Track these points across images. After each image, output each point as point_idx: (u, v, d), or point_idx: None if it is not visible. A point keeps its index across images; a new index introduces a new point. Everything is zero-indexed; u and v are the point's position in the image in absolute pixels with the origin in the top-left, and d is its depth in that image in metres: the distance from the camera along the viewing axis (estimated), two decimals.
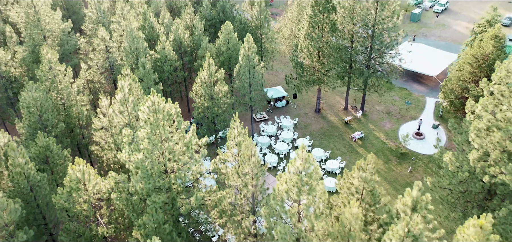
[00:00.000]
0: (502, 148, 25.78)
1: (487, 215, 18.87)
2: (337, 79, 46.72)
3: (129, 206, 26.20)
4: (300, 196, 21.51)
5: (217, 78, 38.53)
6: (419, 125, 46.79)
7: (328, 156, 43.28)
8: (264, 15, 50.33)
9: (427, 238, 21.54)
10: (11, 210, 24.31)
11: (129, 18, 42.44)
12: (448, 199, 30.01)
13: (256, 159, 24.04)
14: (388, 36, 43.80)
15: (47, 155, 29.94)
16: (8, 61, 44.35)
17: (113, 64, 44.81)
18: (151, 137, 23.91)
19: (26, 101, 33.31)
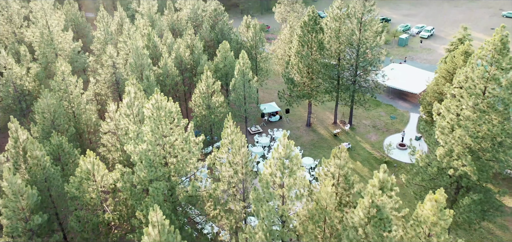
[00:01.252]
0: (463, 143, 29.21)
1: (440, 189, 22.15)
2: (325, 93, 50.53)
3: (132, 195, 29.38)
4: (283, 179, 24.80)
5: (214, 89, 42.34)
6: (402, 137, 50.22)
7: (317, 164, 46.50)
8: (259, 37, 54.71)
9: (393, 216, 24.76)
10: (29, 195, 27.55)
11: (135, 37, 46.71)
12: (421, 195, 33.09)
13: (246, 150, 27.44)
14: (371, 54, 47.92)
15: (59, 153, 33.31)
16: (23, 76, 48.35)
17: (119, 79, 48.73)
18: (154, 130, 27.40)
19: (41, 107, 36.98)
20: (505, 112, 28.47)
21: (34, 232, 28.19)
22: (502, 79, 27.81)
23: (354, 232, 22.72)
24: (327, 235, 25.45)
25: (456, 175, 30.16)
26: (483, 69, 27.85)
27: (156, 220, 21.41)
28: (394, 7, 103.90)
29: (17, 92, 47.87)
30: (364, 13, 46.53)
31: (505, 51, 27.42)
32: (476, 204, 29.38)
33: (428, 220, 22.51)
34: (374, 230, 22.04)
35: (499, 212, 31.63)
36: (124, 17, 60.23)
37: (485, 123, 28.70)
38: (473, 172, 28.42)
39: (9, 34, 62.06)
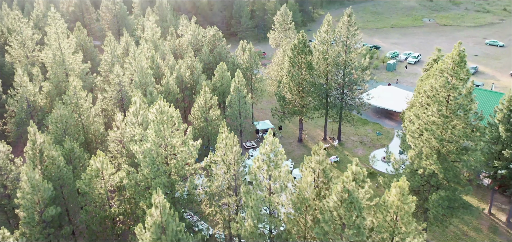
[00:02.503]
0: (430, 145, 33.02)
1: (403, 178, 25.78)
2: (314, 110, 54.61)
3: (136, 192, 32.88)
4: (269, 172, 28.44)
5: (212, 104, 46.43)
6: (385, 151, 53.92)
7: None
8: (254, 59, 59.35)
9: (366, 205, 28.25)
10: (44, 188, 31.08)
11: (140, 57, 51.27)
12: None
13: (237, 149, 31.19)
14: (355, 74, 52.34)
15: (70, 156, 37.00)
16: (36, 93, 52.59)
17: (124, 96, 52.92)
18: (157, 132, 31.24)
19: (54, 117, 40.95)
20: (465, 117, 32.43)
21: (47, 223, 31.52)
22: (462, 88, 31.93)
23: (329, 215, 26.19)
24: (308, 221, 28.85)
25: (426, 174, 33.80)
26: (445, 79, 32.00)
27: (158, 201, 24.95)
28: (384, 36, 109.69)
29: (30, 107, 51.96)
30: (348, 36, 51.22)
31: (462, 64, 31.65)
32: (443, 200, 32.83)
33: (393, 204, 26.05)
34: (346, 212, 25.55)
35: (467, 210, 35.05)
36: (130, 42, 65.08)
37: (449, 128, 32.59)
38: (439, 170, 32.09)
39: (22, 57, 66.82)
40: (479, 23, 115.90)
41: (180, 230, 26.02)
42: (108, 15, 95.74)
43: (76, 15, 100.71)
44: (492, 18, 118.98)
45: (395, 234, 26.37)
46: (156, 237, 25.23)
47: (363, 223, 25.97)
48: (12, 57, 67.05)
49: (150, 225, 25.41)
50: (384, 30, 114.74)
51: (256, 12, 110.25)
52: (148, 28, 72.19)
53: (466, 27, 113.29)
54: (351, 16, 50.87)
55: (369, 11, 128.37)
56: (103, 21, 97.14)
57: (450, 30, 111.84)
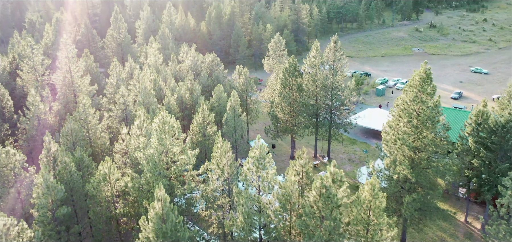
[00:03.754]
0: (403, 153, 36.96)
1: (374, 176, 29.60)
2: (305, 128, 58.70)
3: (139, 194, 36.51)
4: (258, 173, 32.22)
5: (209, 120, 50.56)
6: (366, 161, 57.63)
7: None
8: (249, 82, 63.95)
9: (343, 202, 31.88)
10: (57, 189, 34.75)
11: (144, 79, 55.79)
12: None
13: (230, 155, 35.08)
14: (342, 94, 56.78)
15: (80, 164, 40.77)
16: (46, 112, 56.79)
17: (128, 115, 57.08)
18: (159, 139, 35.21)
19: (65, 131, 44.97)
20: (433, 128, 36.55)
21: (59, 221, 34.97)
22: (429, 102, 36.20)
23: (310, 208, 29.82)
24: (293, 216, 32.38)
25: (401, 180, 37.57)
26: (414, 93, 36.32)
27: (160, 195, 28.66)
28: (375, 64, 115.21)
29: (40, 125, 56.01)
30: (335, 60, 55.97)
31: (429, 80, 36.10)
32: (415, 202, 36.44)
33: (366, 199, 29.76)
34: (324, 205, 29.22)
35: (438, 212, 38.60)
36: (134, 67, 69.89)
37: (420, 138, 36.64)
38: (411, 175, 35.89)
39: (33, 81, 71.43)
40: (465, 52, 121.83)
41: (179, 222, 29.59)
42: (113, 43, 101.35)
43: (82, 43, 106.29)
44: (478, 48, 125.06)
45: (369, 227, 29.93)
46: (157, 227, 28.78)
47: (340, 216, 29.59)
48: (23, 81, 71.71)
49: (152, 216, 29.01)
50: (375, 58, 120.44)
51: (253, 41, 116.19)
52: (151, 55, 77.23)
53: (453, 56, 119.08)
54: (337, 42, 55.82)
55: (361, 41, 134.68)
56: (108, 49, 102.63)
57: (437, 58, 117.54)
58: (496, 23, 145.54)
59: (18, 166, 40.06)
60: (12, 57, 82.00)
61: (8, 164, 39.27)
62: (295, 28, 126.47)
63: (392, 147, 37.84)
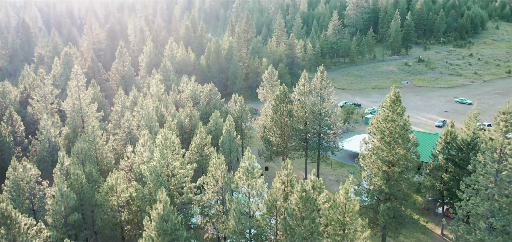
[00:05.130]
0: (377, 166, 41.63)
1: (348, 180, 34.16)
2: (295, 151, 63.40)
3: (142, 203, 40.82)
4: (247, 182, 36.74)
5: (206, 142, 55.36)
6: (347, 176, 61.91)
7: None
8: (244, 109, 69.19)
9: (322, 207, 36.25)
10: (70, 197, 39.13)
11: (147, 105, 61.04)
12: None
13: (224, 167, 39.71)
14: (329, 119, 61.88)
15: (89, 178, 45.21)
16: (56, 135, 61.67)
17: (132, 138, 61.91)
18: (162, 153, 39.92)
19: (75, 149, 49.68)
20: (404, 144, 41.40)
21: (70, 226, 39.10)
22: (399, 121, 41.22)
23: (292, 210, 34.17)
24: (278, 220, 36.60)
25: (377, 190, 42.02)
26: (385, 113, 41.41)
27: (162, 197, 33.11)
28: (365, 96, 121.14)
29: (51, 147, 60.75)
30: (322, 88, 61.42)
31: (398, 102, 41.28)
32: (389, 210, 40.72)
33: (341, 202, 34.20)
34: (303, 206, 33.61)
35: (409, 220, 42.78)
36: (138, 95, 75.38)
37: (392, 153, 41.41)
38: (384, 185, 40.41)
39: (43, 109, 76.70)
40: (451, 84, 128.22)
41: (178, 222, 33.86)
42: (117, 75, 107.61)
43: (89, 76, 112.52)
44: (463, 80, 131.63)
45: (345, 227, 34.17)
46: (159, 226, 33.04)
47: (318, 217, 33.93)
48: (33, 108, 77.01)
49: (154, 216, 33.33)
50: (366, 90, 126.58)
51: (250, 74, 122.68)
52: (153, 85, 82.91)
53: (440, 88, 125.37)
54: (324, 72, 61.53)
55: (353, 74, 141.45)
56: (113, 81, 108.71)
57: (425, 90, 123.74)
58: (482, 58, 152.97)
59: (33, 179, 44.57)
60: (24, 87, 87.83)
61: (24, 178, 43.77)
62: (290, 62, 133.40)
63: (368, 161, 42.52)
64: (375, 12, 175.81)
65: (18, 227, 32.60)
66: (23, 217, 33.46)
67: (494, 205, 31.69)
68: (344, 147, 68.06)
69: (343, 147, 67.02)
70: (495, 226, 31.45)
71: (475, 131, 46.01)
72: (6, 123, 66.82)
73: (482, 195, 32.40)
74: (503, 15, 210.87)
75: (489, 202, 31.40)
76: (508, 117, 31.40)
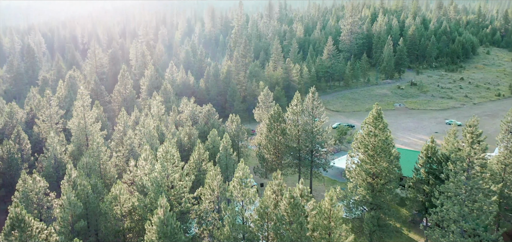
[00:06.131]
0: (362, 178, 45.01)
1: (332, 189, 37.53)
2: (288, 167, 66.69)
3: (144, 212, 43.92)
4: (241, 190, 40.03)
5: (204, 157, 58.74)
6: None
7: None
8: (240, 128, 72.84)
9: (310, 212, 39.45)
10: (77, 206, 42.29)
11: (148, 123, 64.69)
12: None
13: (220, 177, 43.03)
14: (320, 137, 65.48)
15: (94, 189, 48.39)
16: (62, 152, 65.06)
17: (134, 155, 65.26)
18: (163, 165, 43.32)
19: (82, 163, 53.01)
20: (386, 158, 44.89)
21: (76, 233, 42.08)
22: (381, 135, 44.87)
23: (281, 215, 37.36)
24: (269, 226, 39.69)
25: (361, 201, 45.23)
26: (368, 129, 45.09)
27: (163, 203, 36.36)
28: (359, 118, 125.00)
29: (56, 163, 64.06)
30: (313, 108, 65.29)
31: (380, 118, 45.02)
32: (373, 218, 43.84)
33: (326, 208, 37.45)
34: (291, 212, 36.85)
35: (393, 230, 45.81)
36: (139, 116, 79.15)
37: (375, 166, 44.87)
38: (368, 194, 43.68)
39: (48, 128, 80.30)
40: (443, 107, 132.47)
41: (177, 226, 36.99)
42: (119, 98, 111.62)
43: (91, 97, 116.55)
44: (454, 103, 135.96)
45: (330, 230, 37.30)
46: (159, 229, 36.16)
47: (306, 222, 37.13)
48: (39, 128, 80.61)
49: (155, 221, 36.49)
50: (359, 112, 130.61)
51: (247, 97, 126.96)
52: (154, 106, 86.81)
53: (431, 110, 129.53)
54: (315, 93, 65.55)
55: (347, 97, 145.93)
56: (115, 103, 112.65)
57: (417, 113, 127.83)
58: (472, 82, 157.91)
59: (42, 191, 47.79)
60: (30, 108, 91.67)
61: (33, 189, 47.00)
62: (286, 85, 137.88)
63: (353, 174, 45.90)
64: (368, 37, 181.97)
65: (31, 230, 35.68)
66: (35, 222, 36.58)
67: (464, 210, 34.97)
68: (335, 164, 71.38)
69: (334, 164, 70.32)
70: (465, 229, 34.63)
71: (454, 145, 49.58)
72: (14, 141, 70.30)
73: (454, 201, 35.71)
74: (494, 41, 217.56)
75: (459, 207, 34.68)
76: (474, 130, 35.05)
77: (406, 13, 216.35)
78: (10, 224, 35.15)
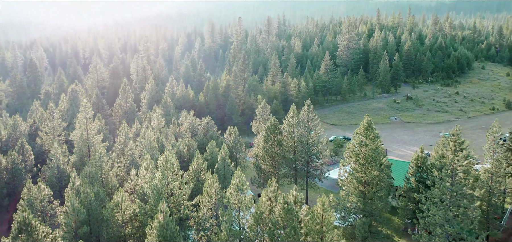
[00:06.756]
0: (353, 186, 46.97)
1: (324, 195, 39.45)
2: (284, 177, 68.56)
3: (144, 218, 45.71)
4: (237, 196, 41.95)
5: (202, 167, 60.68)
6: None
7: None
8: (238, 140, 74.89)
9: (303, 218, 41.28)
10: (80, 212, 44.11)
11: (149, 135, 66.78)
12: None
13: (217, 185, 44.98)
14: (315, 148, 67.53)
15: (96, 197, 50.20)
16: (64, 163, 67.00)
17: (135, 166, 67.17)
18: (163, 173, 45.30)
19: (84, 173, 54.93)
20: (377, 166, 46.92)
21: (78, 238, 43.78)
22: (372, 145, 46.98)
23: (275, 219, 39.21)
24: (264, 230, 41.47)
25: (353, 208, 47.10)
26: (359, 139, 47.22)
27: (163, 207, 38.25)
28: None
29: (59, 173, 65.92)
30: (309, 120, 67.50)
31: (370, 128, 47.17)
32: (365, 224, 45.63)
33: (319, 214, 39.34)
34: (285, 216, 38.72)
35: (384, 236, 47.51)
36: (140, 128, 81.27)
37: (366, 174, 46.88)
38: (359, 201, 45.57)
39: (50, 140, 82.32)
40: (438, 120, 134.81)
41: (176, 230, 38.80)
42: (120, 111, 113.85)
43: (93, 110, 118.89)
44: (449, 116, 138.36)
45: (322, 235, 39.12)
46: (159, 232, 37.97)
47: (299, 227, 38.97)
48: (42, 140, 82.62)
49: (156, 225, 38.32)
50: (356, 126, 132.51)
51: (246, 110, 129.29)
52: (154, 119, 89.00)
53: (426, 124, 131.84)
54: (310, 106, 67.85)
55: (344, 111, 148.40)
56: (115, 116, 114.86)
57: (412, 126, 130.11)
58: (467, 96, 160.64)
59: (46, 199, 49.63)
60: (33, 121, 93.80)
61: (38, 197, 48.85)
62: (284, 99, 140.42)
63: (345, 181, 47.86)
64: (365, 53, 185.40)
65: (37, 234, 37.49)
66: (41, 226, 38.39)
67: (449, 214, 36.90)
68: (330, 175, 73.28)
69: (329, 175, 72.22)
70: (450, 232, 36.51)
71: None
72: (18, 152, 72.24)
73: (439, 206, 37.66)
74: (489, 56, 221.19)
75: (443, 211, 36.62)
76: (457, 138, 37.20)
77: (402, 29, 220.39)
78: (17, 227, 36.96)
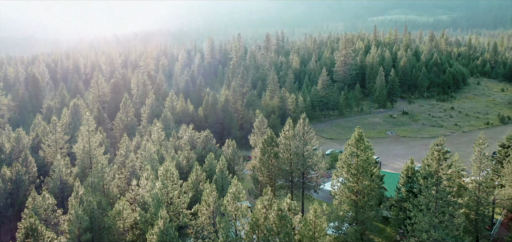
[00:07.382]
0: (346, 195, 49.00)
1: (315, 203, 41.51)
2: (281, 189, 70.48)
3: (145, 226, 47.58)
4: (234, 205, 43.96)
5: (201, 178, 62.69)
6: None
7: None
8: (236, 153, 77.00)
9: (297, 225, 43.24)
10: (83, 219, 46.02)
11: (149, 147, 68.92)
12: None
13: (215, 194, 47.01)
14: (311, 161, 69.64)
15: (99, 206, 52.12)
16: (67, 174, 68.98)
17: (135, 176, 69.13)
18: (163, 182, 47.36)
19: (87, 182, 56.92)
20: (369, 176, 49.03)
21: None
22: (363, 156, 49.16)
23: (270, 226, 41.16)
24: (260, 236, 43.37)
25: (346, 216, 49.03)
26: (350, 150, 49.43)
27: (163, 214, 40.24)
28: None
29: (62, 184, 67.84)
30: (304, 133, 69.77)
31: (361, 140, 49.43)
32: (356, 232, 47.52)
33: (311, 220, 41.35)
34: (279, 223, 40.69)
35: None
36: (140, 141, 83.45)
37: (358, 184, 48.97)
38: (351, 209, 47.55)
39: (53, 152, 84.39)
40: (433, 134, 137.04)
41: (175, 236, 40.70)
42: (121, 125, 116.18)
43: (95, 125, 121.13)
44: (444, 131, 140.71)
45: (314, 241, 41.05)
46: (160, 238, 39.87)
47: (292, 232, 40.92)
48: (44, 153, 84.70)
49: (156, 231, 40.25)
50: None
51: (244, 124, 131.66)
52: (155, 132, 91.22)
53: (422, 138, 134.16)
54: (305, 119, 70.22)
55: (341, 126, 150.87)
56: (116, 130, 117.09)
57: (408, 140, 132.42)
58: (462, 111, 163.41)
59: (50, 208, 51.53)
60: (35, 134, 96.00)
61: (42, 206, 50.76)
62: (282, 114, 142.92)
63: (337, 190, 49.89)
64: (362, 68, 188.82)
65: (43, 239, 39.38)
66: (47, 231, 40.30)
67: (434, 221, 38.92)
68: (325, 187, 75.23)
69: (324, 187, 74.16)
70: (435, 237, 38.48)
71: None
72: (21, 164, 74.24)
73: (425, 213, 39.70)
74: (484, 72, 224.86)
75: (429, 218, 38.65)
76: (441, 148, 39.47)
77: (398, 45, 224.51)
78: (24, 232, 38.89)
